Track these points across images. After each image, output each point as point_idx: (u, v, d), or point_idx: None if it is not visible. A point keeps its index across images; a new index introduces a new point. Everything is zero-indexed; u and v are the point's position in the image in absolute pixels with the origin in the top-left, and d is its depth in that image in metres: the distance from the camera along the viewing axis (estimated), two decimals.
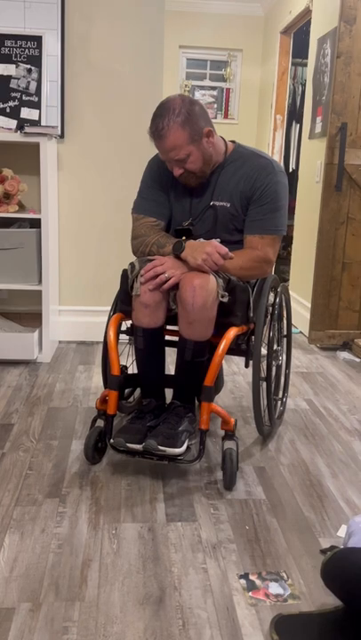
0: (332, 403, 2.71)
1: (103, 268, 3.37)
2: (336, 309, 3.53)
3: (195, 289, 1.86)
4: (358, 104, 3.28)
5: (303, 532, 1.71)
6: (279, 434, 2.35)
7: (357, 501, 1.88)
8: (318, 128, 3.71)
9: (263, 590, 1.45)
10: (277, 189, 2.02)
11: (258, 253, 2.05)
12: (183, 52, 5.87)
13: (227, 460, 1.91)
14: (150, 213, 2.11)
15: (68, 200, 3.30)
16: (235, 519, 1.75)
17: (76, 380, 2.84)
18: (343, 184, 3.33)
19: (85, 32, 3.11)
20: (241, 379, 2.93)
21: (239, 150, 2.09)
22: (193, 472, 2.01)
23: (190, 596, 1.42)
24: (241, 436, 2.28)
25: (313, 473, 2.06)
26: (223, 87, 5.99)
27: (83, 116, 3.20)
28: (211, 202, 2.06)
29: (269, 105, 5.33)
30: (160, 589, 1.44)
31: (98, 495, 1.84)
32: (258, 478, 2.00)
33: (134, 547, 1.60)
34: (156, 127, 1.91)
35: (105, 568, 1.51)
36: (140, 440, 1.88)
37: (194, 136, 1.92)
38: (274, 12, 5.29)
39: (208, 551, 1.60)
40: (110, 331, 2.06)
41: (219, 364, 1.92)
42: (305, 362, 3.30)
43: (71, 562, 1.53)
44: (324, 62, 3.61)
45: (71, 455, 2.09)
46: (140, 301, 1.96)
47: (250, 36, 5.74)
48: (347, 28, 3.19)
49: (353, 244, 3.45)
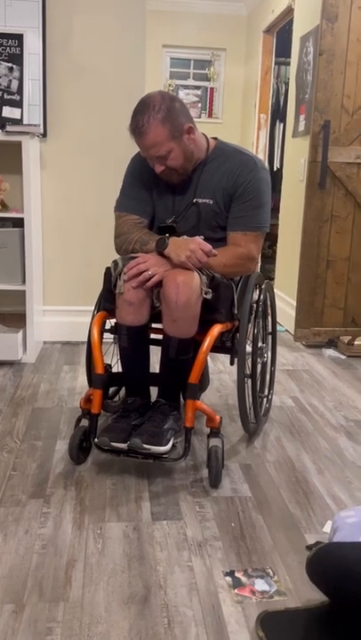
0: (317, 400, 2.71)
1: (88, 267, 3.35)
2: (321, 307, 3.54)
3: (178, 286, 1.85)
4: (341, 102, 3.29)
5: (289, 528, 1.70)
6: (265, 431, 2.35)
7: (343, 497, 1.88)
8: (302, 126, 3.72)
9: (249, 587, 1.44)
10: (260, 186, 2.02)
11: (241, 250, 2.04)
12: (167, 51, 5.86)
13: (212, 458, 1.91)
14: (133, 211, 2.10)
15: (51, 199, 3.28)
16: (220, 517, 1.74)
17: (60, 380, 2.82)
18: (327, 182, 3.34)
19: (67, 30, 3.10)
20: (227, 377, 2.93)
21: (221, 147, 2.08)
22: (179, 470, 2.00)
23: (176, 594, 1.41)
24: (227, 434, 2.27)
25: (299, 470, 2.05)
26: (207, 86, 5.99)
27: (65, 114, 3.18)
28: (193, 199, 2.06)
29: (253, 104, 5.34)
30: (145, 588, 1.43)
31: (83, 495, 1.83)
32: (244, 475, 1.99)
33: (119, 546, 1.59)
34: (136, 124, 1.90)
35: (90, 568, 1.50)
36: (124, 439, 1.87)
37: (174, 132, 1.91)
38: (257, 11, 5.30)
39: (194, 549, 1.59)
40: (94, 329, 2.05)
41: (203, 360, 1.92)
42: (291, 359, 3.30)
43: (55, 562, 1.51)
44: (307, 60, 3.62)
45: (56, 455, 2.07)
46: (124, 299, 1.95)
47: (233, 35, 5.75)
48: (328, 26, 3.20)
49: (337, 242, 3.46)
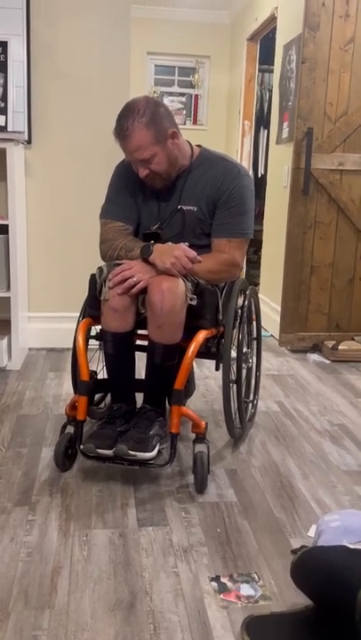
0: (302, 404, 2.73)
1: (73, 273, 3.34)
2: (305, 312, 3.56)
3: (163, 292, 1.86)
4: (324, 109, 3.33)
5: (274, 533, 1.71)
6: (250, 436, 2.36)
7: (328, 501, 1.90)
8: (285, 133, 3.75)
9: (234, 592, 1.45)
10: (243, 193, 2.04)
11: (226, 257, 2.06)
12: (151, 58, 5.89)
13: (198, 464, 1.91)
14: (118, 218, 2.11)
15: (36, 206, 3.28)
16: (206, 522, 1.75)
17: (46, 387, 2.81)
18: (310, 188, 3.37)
19: (51, 38, 3.10)
20: (212, 382, 2.94)
21: (205, 154, 2.10)
22: (164, 476, 2.00)
23: (161, 600, 1.42)
24: (212, 439, 2.28)
25: (284, 474, 2.07)
26: (192, 93, 6.02)
27: (50, 121, 3.19)
28: (178, 206, 2.07)
29: (237, 111, 5.38)
30: (131, 595, 1.43)
31: (68, 502, 1.82)
32: (229, 481, 2.00)
33: (105, 553, 1.59)
34: (120, 127, 1.92)
35: (75, 575, 1.49)
36: (110, 445, 1.87)
37: (158, 137, 1.92)
38: (240, 19, 5.34)
39: (179, 555, 1.59)
40: (79, 336, 2.05)
41: (188, 366, 1.92)
42: (276, 364, 3.32)
43: (41, 570, 1.51)
44: (290, 68, 3.66)
45: (41, 462, 2.07)
46: (109, 306, 1.95)
47: (217, 42, 5.79)
48: (311, 35, 3.24)
49: (321, 248, 3.49)
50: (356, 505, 1.88)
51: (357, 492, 1.96)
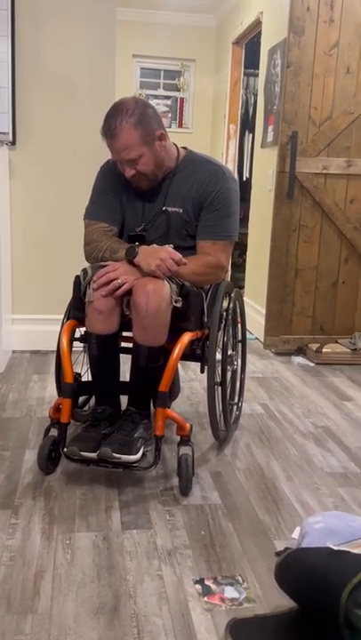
0: (286, 407, 2.74)
1: (57, 275, 3.32)
2: (290, 315, 3.58)
3: (148, 294, 1.86)
4: (308, 113, 3.35)
5: (258, 535, 1.71)
6: (235, 438, 2.36)
7: (312, 503, 1.90)
8: (270, 137, 3.77)
9: (219, 595, 1.44)
10: (228, 195, 2.04)
11: (211, 259, 2.06)
12: (137, 61, 5.89)
13: (182, 466, 1.91)
14: (103, 219, 2.10)
15: (20, 207, 3.26)
16: (190, 525, 1.75)
17: (29, 389, 2.79)
18: (295, 192, 3.39)
19: (36, 39, 3.09)
20: (197, 385, 2.94)
21: (191, 156, 2.10)
22: (149, 479, 2.00)
23: (145, 603, 1.41)
24: (197, 442, 2.28)
25: (268, 476, 2.07)
26: (177, 96, 6.03)
27: (35, 122, 3.17)
28: (163, 207, 2.07)
29: (223, 114, 5.39)
30: (115, 598, 1.42)
31: (52, 505, 1.81)
32: (214, 483, 2.00)
33: (88, 556, 1.58)
34: (108, 126, 1.92)
35: (58, 579, 1.48)
36: (94, 448, 1.86)
37: (146, 137, 1.92)
38: (225, 23, 5.36)
39: (163, 558, 1.58)
40: (63, 338, 2.04)
41: (173, 368, 1.92)
42: (260, 367, 3.33)
43: (23, 574, 1.49)
44: (275, 72, 3.68)
45: (24, 466, 2.05)
46: (94, 307, 1.94)
47: (203, 46, 5.81)
48: (296, 39, 3.26)
49: (305, 251, 3.51)
50: (340, 507, 1.89)
51: (341, 493, 1.97)
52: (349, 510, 1.86)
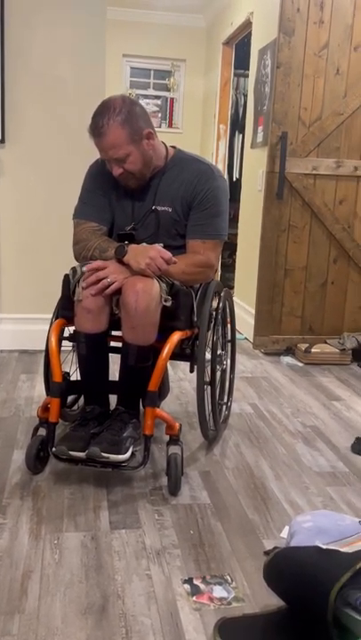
0: (276, 406, 2.74)
1: (46, 274, 3.31)
2: (279, 315, 3.58)
3: (137, 293, 1.85)
4: (298, 114, 3.35)
5: (247, 534, 1.71)
6: (224, 438, 2.36)
7: (300, 502, 1.90)
8: (260, 137, 3.78)
9: (207, 594, 1.44)
10: (217, 194, 2.04)
11: (200, 258, 2.06)
12: (127, 60, 5.88)
13: (171, 466, 1.90)
14: (92, 218, 2.09)
15: (8, 205, 3.24)
16: (179, 524, 1.74)
17: (18, 389, 2.77)
18: (284, 192, 3.39)
19: (26, 38, 3.08)
20: (187, 384, 2.94)
21: (180, 155, 2.10)
22: (138, 478, 1.99)
23: (134, 603, 1.40)
24: (186, 441, 2.28)
25: (257, 476, 2.07)
26: (167, 96, 6.03)
27: (24, 121, 3.16)
28: (153, 206, 2.06)
29: (213, 115, 5.40)
30: (103, 598, 1.41)
31: (40, 505, 1.80)
32: (203, 483, 1.99)
33: (76, 556, 1.57)
34: (95, 125, 1.91)
35: (46, 579, 1.47)
36: (83, 447, 1.85)
37: (133, 136, 1.92)
38: (216, 23, 5.37)
39: (152, 557, 1.58)
40: (52, 337, 2.03)
41: (162, 367, 1.91)
42: (250, 367, 3.33)
43: (11, 574, 1.48)
44: (265, 73, 3.68)
45: (12, 465, 2.03)
46: (83, 306, 1.93)
47: (193, 46, 5.81)
48: (286, 40, 3.26)
49: (294, 251, 3.51)
50: (329, 506, 1.89)
51: (329, 492, 1.97)
52: (338, 509, 1.86)
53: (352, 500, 1.93)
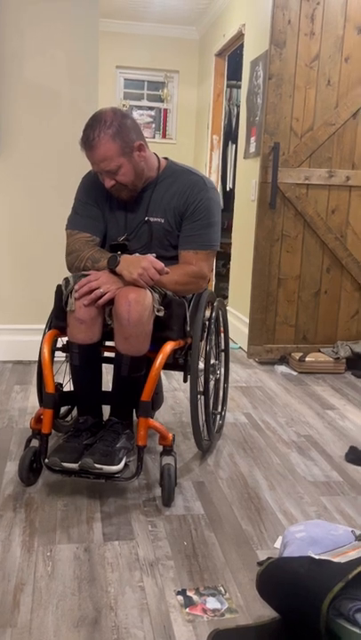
0: (270, 416, 2.74)
1: (39, 285, 3.31)
2: (273, 324, 3.59)
3: (130, 303, 1.85)
4: (290, 125, 3.38)
5: (241, 545, 1.71)
6: (218, 448, 2.36)
7: (294, 512, 1.90)
8: (252, 148, 3.80)
9: (201, 606, 1.43)
10: (209, 205, 2.05)
11: (193, 268, 2.06)
12: (120, 72, 5.92)
13: (165, 476, 1.90)
14: (84, 229, 2.10)
15: (1, 217, 3.24)
16: (173, 535, 1.73)
17: (11, 400, 2.77)
18: (277, 202, 3.41)
19: (19, 49, 3.09)
20: (181, 394, 2.93)
21: (172, 167, 2.11)
22: (131, 489, 1.98)
23: (127, 615, 1.39)
24: (180, 452, 2.27)
25: (251, 486, 2.07)
26: (161, 107, 6.07)
27: (18, 132, 3.17)
28: (145, 217, 2.07)
29: (206, 125, 5.43)
30: (96, 610, 1.40)
31: (32, 517, 1.79)
32: (197, 493, 1.99)
33: (69, 568, 1.56)
34: (86, 137, 1.92)
35: (39, 591, 1.46)
36: (76, 459, 1.84)
37: (125, 148, 1.93)
38: (208, 35, 5.41)
39: (145, 569, 1.57)
40: (45, 348, 2.02)
41: (155, 378, 1.91)
42: (244, 376, 3.33)
43: (3, 587, 1.47)
44: (257, 84, 3.71)
45: (5, 477, 2.03)
46: (75, 317, 1.93)
47: (186, 58, 5.85)
48: (277, 51, 3.29)
49: (288, 261, 3.53)
50: (323, 516, 1.89)
51: (324, 502, 1.97)
52: (332, 519, 1.86)
53: (346, 510, 1.93)
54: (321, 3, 3.29)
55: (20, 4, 3.05)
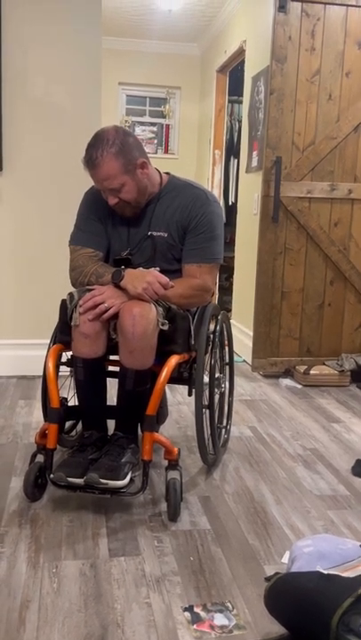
0: (275, 429, 2.73)
1: (43, 300, 3.32)
2: (277, 337, 3.58)
3: (135, 317, 1.85)
4: (292, 139, 3.40)
5: (248, 560, 1.69)
6: (224, 462, 2.34)
7: (301, 527, 1.88)
8: (255, 162, 3.82)
9: (208, 622, 1.42)
10: (212, 219, 2.06)
11: (197, 282, 2.07)
12: (123, 88, 5.98)
13: (170, 491, 1.89)
14: (88, 244, 2.11)
15: (6, 232, 3.26)
16: (179, 551, 1.72)
17: (16, 415, 2.76)
18: (280, 215, 3.42)
19: (23, 66, 3.13)
20: (186, 408, 2.92)
21: (174, 181, 2.12)
22: (137, 504, 1.97)
23: (133, 632, 1.38)
24: (186, 466, 2.26)
25: (257, 500, 2.05)
26: (163, 123, 6.12)
27: (22, 148, 3.19)
28: (148, 232, 2.08)
29: (208, 140, 5.46)
30: (102, 627, 1.39)
31: (38, 533, 1.78)
32: (203, 508, 1.98)
33: (75, 585, 1.54)
34: (90, 157, 1.93)
35: (44, 608, 1.45)
36: (81, 474, 1.83)
37: (127, 166, 1.94)
38: (210, 51, 5.47)
39: (152, 585, 1.56)
40: (49, 362, 2.02)
41: (160, 391, 1.91)
42: (248, 389, 3.32)
43: (9, 604, 1.46)
44: (259, 99, 3.74)
45: (10, 493, 2.02)
46: (80, 331, 1.93)
47: (187, 74, 5.91)
48: (278, 67, 3.32)
49: (291, 274, 3.53)
50: (330, 530, 1.87)
51: (331, 516, 1.95)
52: (339, 533, 1.84)
53: (353, 524, 1.91)
54: (321, 18, 3.32)
55: (23, 22, 3.09)
